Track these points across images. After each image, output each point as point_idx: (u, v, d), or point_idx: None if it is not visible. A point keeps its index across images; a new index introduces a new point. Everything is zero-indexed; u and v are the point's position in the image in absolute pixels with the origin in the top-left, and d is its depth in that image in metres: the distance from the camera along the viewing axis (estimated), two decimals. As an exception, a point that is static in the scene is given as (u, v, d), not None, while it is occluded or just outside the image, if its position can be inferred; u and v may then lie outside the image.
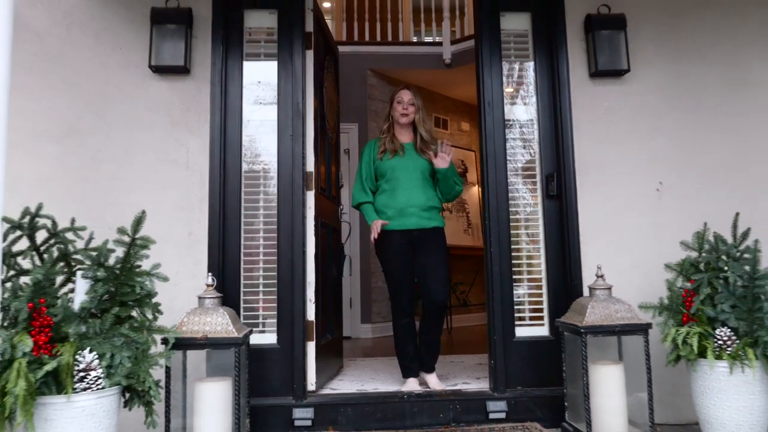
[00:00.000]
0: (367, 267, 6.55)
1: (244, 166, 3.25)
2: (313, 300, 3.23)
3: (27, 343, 1.91)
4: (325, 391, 3.33)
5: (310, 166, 3.33)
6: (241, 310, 3.12)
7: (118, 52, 3.16)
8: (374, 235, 3.39)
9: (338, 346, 4.07)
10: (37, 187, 2.78)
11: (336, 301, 4.04)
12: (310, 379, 3.17)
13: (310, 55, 3.42)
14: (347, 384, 3.57)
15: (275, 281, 3.16)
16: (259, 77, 3.33)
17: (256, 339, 3.04)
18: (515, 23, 3.53)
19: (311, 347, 3.21)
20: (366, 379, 3.70)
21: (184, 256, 3.04)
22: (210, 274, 2.70)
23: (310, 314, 3.21)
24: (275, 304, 3.15)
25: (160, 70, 3.14)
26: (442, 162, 3.41)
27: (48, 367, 1.93)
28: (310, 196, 3.30)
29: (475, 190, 7.75)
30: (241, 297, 3.15)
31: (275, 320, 3.15)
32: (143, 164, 3.11)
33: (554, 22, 3.41)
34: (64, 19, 3.11)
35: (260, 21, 3.39)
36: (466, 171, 7.83)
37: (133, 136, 3.12)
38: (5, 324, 2.00)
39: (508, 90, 3.48)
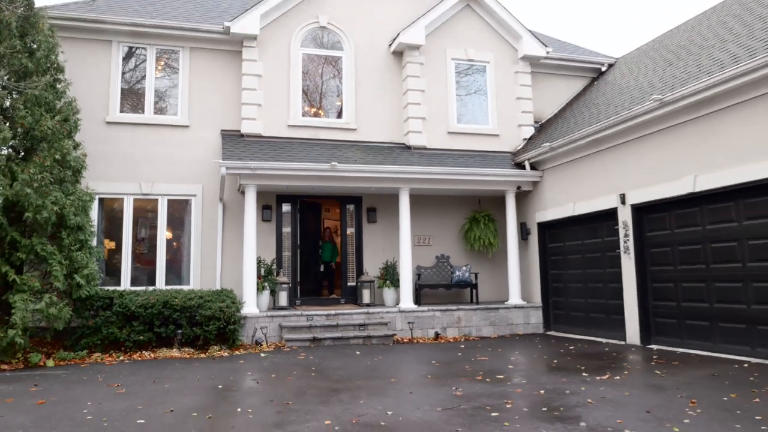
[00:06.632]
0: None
1: (282, 247, 13.12)
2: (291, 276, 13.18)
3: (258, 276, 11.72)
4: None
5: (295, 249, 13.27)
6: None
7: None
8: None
9: (299, 293, 13.99)
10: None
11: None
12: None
13: (298, 216, 13.38)
14: (304, 300, 13.58)
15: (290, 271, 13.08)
16: (287, 220, 13.24)
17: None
18: (352, 207, 13.75)
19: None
20: (309, 300, 13.75)
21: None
22: (279, 268, 12.61)
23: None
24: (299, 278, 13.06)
25: (263, 220, 12.96)
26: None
27: (262, 284, 11.74)
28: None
29: (338, 241, 17.90)
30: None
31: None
32: (261, 246, 12.86)
33: (359, 207, 13.67)
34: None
35: (288, 203, 13.31)
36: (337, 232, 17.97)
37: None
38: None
39: (348, 225, 13.68)
